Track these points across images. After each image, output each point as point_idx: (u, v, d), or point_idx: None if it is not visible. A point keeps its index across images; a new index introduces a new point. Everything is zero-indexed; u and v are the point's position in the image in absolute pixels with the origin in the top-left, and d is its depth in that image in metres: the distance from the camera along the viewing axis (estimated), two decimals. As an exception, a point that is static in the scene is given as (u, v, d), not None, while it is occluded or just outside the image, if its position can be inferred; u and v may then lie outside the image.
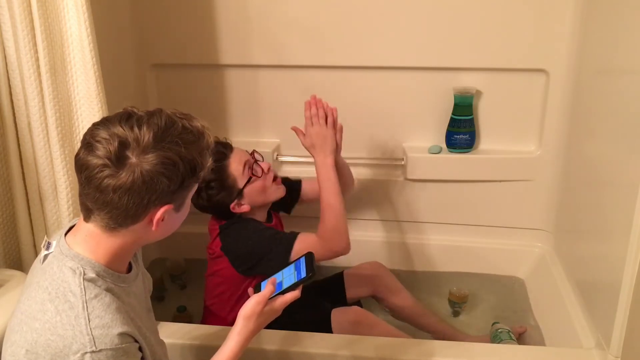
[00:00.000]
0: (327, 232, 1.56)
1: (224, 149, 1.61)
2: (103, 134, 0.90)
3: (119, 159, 0.89)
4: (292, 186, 1.83)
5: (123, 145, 0.89)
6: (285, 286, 1.13)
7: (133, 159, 0.89)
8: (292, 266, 1.18)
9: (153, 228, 0.96)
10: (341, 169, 1.70)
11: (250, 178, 1.61)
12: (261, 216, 1.70)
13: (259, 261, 1.57)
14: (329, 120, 1.62)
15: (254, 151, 1.69)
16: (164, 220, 0.96)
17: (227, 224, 1.66)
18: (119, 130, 0.90)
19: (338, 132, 1.64)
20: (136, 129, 0.90)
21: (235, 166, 1.60)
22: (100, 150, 0.89)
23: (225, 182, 1.59)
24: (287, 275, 1.16)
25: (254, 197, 1.63)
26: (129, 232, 0.96)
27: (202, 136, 0.97)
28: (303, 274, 1.13)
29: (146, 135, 0.90)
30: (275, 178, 1.69)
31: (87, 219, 0.96)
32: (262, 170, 1.64)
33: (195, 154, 0.94)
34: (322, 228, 1.57)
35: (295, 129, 1.67)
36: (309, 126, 1.63)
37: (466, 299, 2.00)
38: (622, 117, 1.45)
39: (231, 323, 1.65)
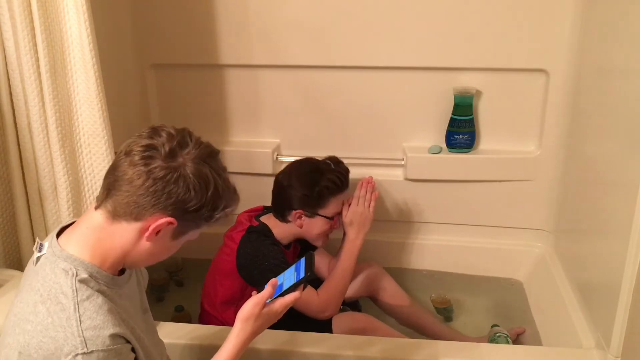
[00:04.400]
0: (329, 292, 1.64)
1: (345, 184, 1.71)
2: (171, 130, 0.97)
3: (171, 151, 0.94)
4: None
5: (181, 145, 0.95)
6: (285, 288, 1.13)
7: (180, 159, 0.94)
8: (292, 268, 1.17)
9: (145, 235, 0.95)
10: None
11: (331, 217, 1.69)
12: (287, 241, 1.76)
13: (261, 283, 1.58)
14: (372, 205, 1.73)
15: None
16: (158, 236, 0.96)
17: (257, 230, 1.69)
18: (185, 134, 0.97)
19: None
20: (198, 143, 0.97)
21: (339, 201, 1.70)
22: (162, 138, 0.95)
23: (320, 195, 1.67)
24: (288, 277, 1.16)
25: (311, 229, 1.71)
26: (124, 229, 0.96)
27: (235, 192, 1.02)
28: (302, 275, 1.13)
29: (202, 151, 0.96)
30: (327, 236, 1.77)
31: (100, 201, 0.97)
32: (337, 225, 1.75)
33: (225, 196, 0.99)
34: (327, 288, 1.65)
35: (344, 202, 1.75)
36: (354, 204, 1.72)
37: (449, 303, 1.99)
38: (622, 117, 1.45)
39: (221, 322, 1.68)
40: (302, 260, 1.17)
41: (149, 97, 2.12)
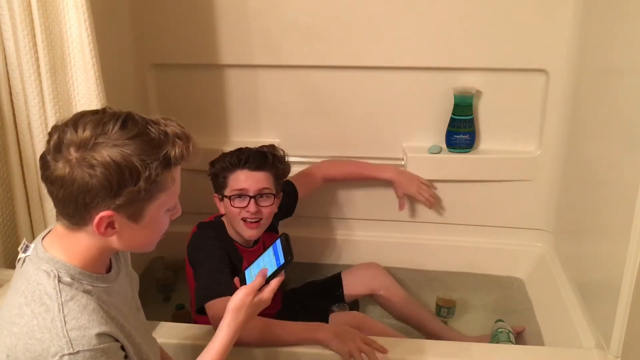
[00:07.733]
0: (254, 331, 1.40)
1: (260, 161, 1.63)
2: (56, 126, 0.91)
3: (57, 151, 0.88)
4: (288, 191, 1.84)
5: (62, 139, 0.88)
6: (268, 274, 1.15)
7: (69, 154, 0.87)
8: (270, 251, 1.18)
9: (98, 233, 0.91)
10: None
11: (229, 197, 1.62)
12: (238, 236, 1.69)
13: (194, 275, 1.58)
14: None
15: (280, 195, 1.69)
16: (118, 229, 0.92)
17: (205, 225, 1.69)
18: (68, 125, 0.89)
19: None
20: (81, 126, 0.88)
21: (238, 179, 1.62)
22: (50, 143, 0.90)
23: (217, 174, 1.65)
24: (268, 262, 1.17)
25: (227, 213, 1.66)
26: (88, 234, 0.93)
27: (160, 145, 0.90)
28: (282, 260, 1.15)
29: (87, 132, 0.87)
30: (255, 222, 1.63)
31: (57, 217, 0.96)
32: (244, 207, 1.61)
33: (136, 160, 0.87)
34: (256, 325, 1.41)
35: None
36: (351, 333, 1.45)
37: (454, 304, 1.98)
38: (622, 117, 1.45)
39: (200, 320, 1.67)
40: (278, 242, 1.17)
41: (149, 97, 2.12)
